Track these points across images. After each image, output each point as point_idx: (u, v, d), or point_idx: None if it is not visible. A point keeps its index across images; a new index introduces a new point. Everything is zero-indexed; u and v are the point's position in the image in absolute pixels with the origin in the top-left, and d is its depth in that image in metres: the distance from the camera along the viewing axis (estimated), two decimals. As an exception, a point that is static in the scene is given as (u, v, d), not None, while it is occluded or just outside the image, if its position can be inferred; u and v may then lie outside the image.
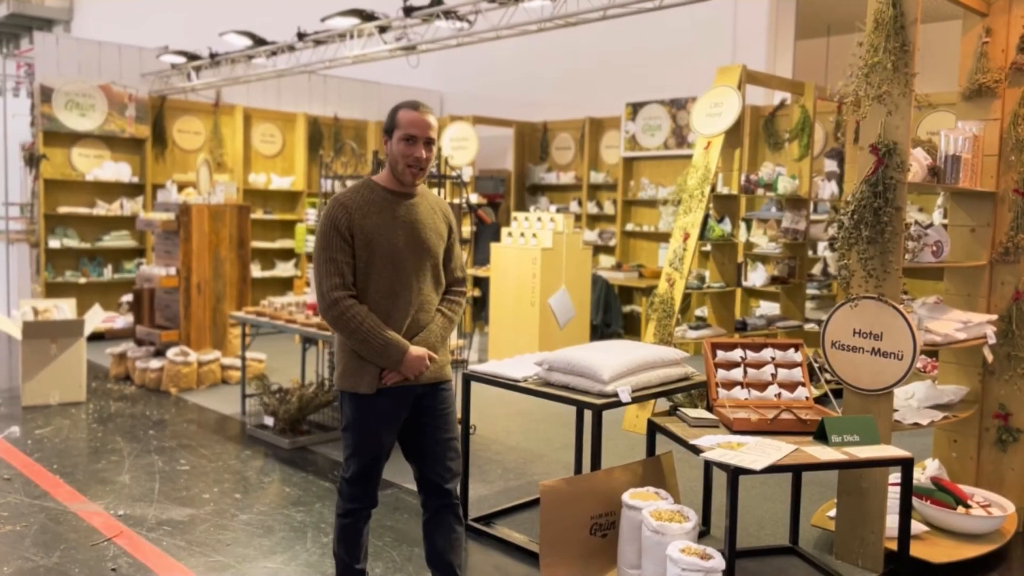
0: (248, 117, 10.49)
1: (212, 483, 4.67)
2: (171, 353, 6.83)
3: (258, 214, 10.36)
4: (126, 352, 7.24)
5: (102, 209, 9.31)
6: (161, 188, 8.09)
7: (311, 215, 9.19)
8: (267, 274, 10.51)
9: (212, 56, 8.84)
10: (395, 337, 2.83)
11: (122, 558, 3.66)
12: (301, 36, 7.81)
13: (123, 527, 3.99)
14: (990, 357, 4.07)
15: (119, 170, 9.41)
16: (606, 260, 10.17)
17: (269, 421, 5.53)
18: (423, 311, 2.93)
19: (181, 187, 8.12)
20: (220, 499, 4.41)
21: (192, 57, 9.06)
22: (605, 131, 10.62)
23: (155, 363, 6.87)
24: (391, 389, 2.88)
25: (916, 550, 3.53)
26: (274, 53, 8.30)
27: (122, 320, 8.75)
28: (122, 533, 3.92)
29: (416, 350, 2.86)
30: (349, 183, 6.37)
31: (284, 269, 10.66)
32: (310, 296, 6.27)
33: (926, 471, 4.15)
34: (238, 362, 6.96)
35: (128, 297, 8.54)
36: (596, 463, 3.54)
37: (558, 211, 9.30)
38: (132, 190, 9.64)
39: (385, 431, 2.92)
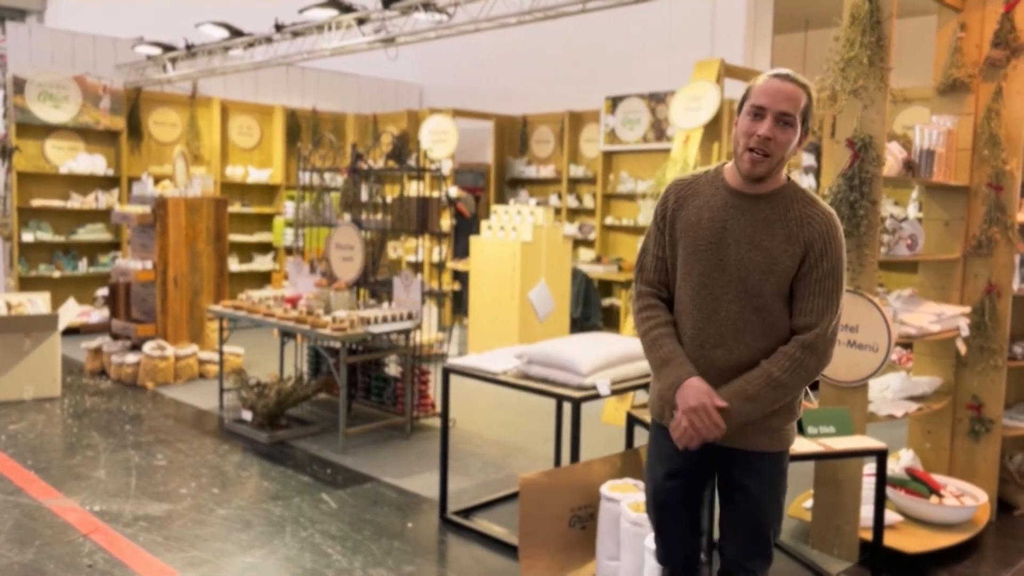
0: (225, 109, 10.39)
1: (189, 478, 4.64)
2: (148, 347, 6.77)
3: (236, 207, 10.27)
4: (102, 346, 7.16)
5: (76, 202, 9.19)
6: (137, 181, 8.00)
7: (289, 208, 9.13)
8: (245, 268, 10.43)
9: (188, 47, 8.74)
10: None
11: (98, 554, 3.62)
12: (279, 28, 7.75)
13: (99, 523, 3.96)
14: (963, 349, 4.13)
15: (94, 162, 9.29)
16: (586, 254, 10.18)
17: (247, 415, 5.50)
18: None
19: (157, 180, 8.04)
20: (198, 494, 4.39)
21: (168, 48, 8.96)
22: (585, 124, 10.63)
23: (131, 357, 6.80)
24: None
25: (890, 540, 3.58)
26: (251, 45, 8.22)
27: (97, 314, 8.67)
28: (98, 529, 3.89)
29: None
30: (327, 176, 6.34)
31: (262, 263, 10.59)
32: (288, 290, 6.24)
33: (901, 462, 4.20)
34: (216, 356, 6.90)
35: (103, 291, 8.45)
36: (575, 456, 3.56)
37: (538, 204, 9.29)
38: (107, 183, 9.52)
39: None
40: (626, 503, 3.22)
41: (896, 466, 4.13)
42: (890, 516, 3.75)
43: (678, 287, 2.34)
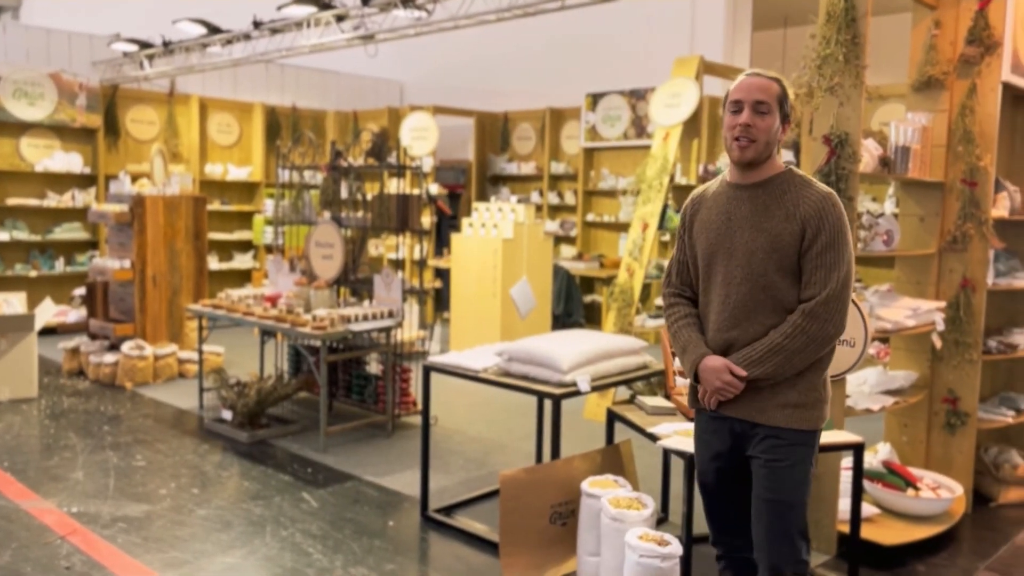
0: (204, 107, 10.31)
1: (169, 478, 4.60)
2: (126, 347, 6.71)
3: (215, 205, 10.20)
4: (79, 346, 7.09)
5: (53, 201, 9.09)
6: (114, 179, 7.93)
7: (269, 206, 9.07)
8: (225, 266, 10.36)
9: (165, 44, 8.67)
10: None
11: (76, 556, 3.59)
12: (257, 24, 7.69)
13: (77, 525, 3.92)
14: (938, 343, 4.17)
15: (70, 161, 9.19)
16: (567, 250, 10.20)
17: (227, 415, 5.47)
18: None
19: (135, 178, 7.97)
20: (177, 494, 4.36)
21: (145, 45, 8.87)
22: (566, 121, 10.64)
23: (109, 357, 6.74)
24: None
25: (868, 532, 3.62)
26: (229, 42, 8.16)
27: (75, 314, 8.58)
28: (76, 531, 3.85)
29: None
30: (307, 174, 6.31)
31: (242, 261, 10.52)
32: (268, 288, 6.20)
33: (878, 455, 4.24)
34: (195, 355, 6.86)
35: (81, 290, 8.37)
36: (556, 452, 3.57)
37: (519, 201, 9.29)
38: (84, 181, 9.42)
39: None
40: (606, 499, 3.23)
41: (874, 459, 4.17)
42: (867, 509, 3.79)
43: (701, 280, 2.53)
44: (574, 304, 9.13)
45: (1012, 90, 4.34)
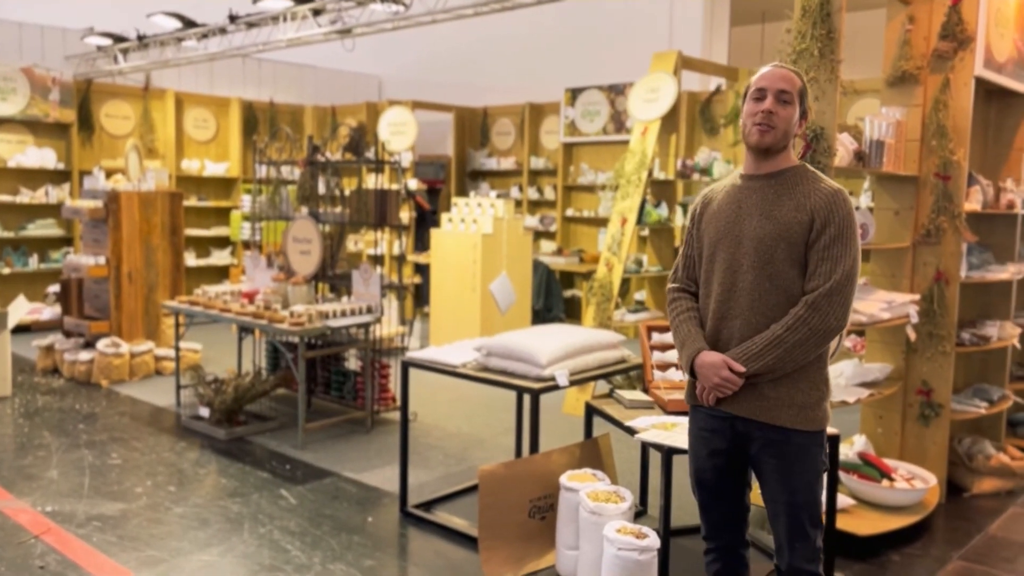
0: (180, 101, 10.21)
1: (145, 476, 4.56)
2: (101, 344, 6.64)
3: (192, 201, 10.11)
4: (54, 344, 7.01)
5: (26, 197, 8.96)
6: (88, 175, 7.83)
7: (246, 202, 9.00)
8: (202, 262, 10.28)
9: (140, 38, 8.57)
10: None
11: (50, 555, 3.55)
12: (233, 18, 7.63)
13: (51, 524, 3.88)
14: (913, 335, 4.22)
15: (43, 156, 9.07)
16: (547, 245, 10.21)
17: (204, 412, 5.43)
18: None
19: (109, 174, 7.88)
20: (153, 492, 4.32)
21: (119, 39, 8.77)
22: (545, 116, 10.63)
23: (84, 355, 6.67)
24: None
25: (843, 523, 3.65)
26: (205, 36, 8.09)
27: (49, 311, 8.48)
28: (50, 530, 3.81)
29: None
30: (284, 169, 6.27)
31: (220, 257, 10.44)
32: (246, 285, 6.16)
33: (854, 447, 4.28)
34: (172, 352, 6.80)
35: (55, 287, 8.26)
36: (535, 447, 3.57)
37: (499, 197, 9.29)
38: (57, 177, 9.30)
39: None
40: (585, 492, 3.24)
41: (850, 451, 4.21)
42: (843, 500, 3.83)
43: (704, 270, 2.51)
44: (554, 299, 9.14)
45: (985, 85, 4.39)
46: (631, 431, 3.20)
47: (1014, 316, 4.84)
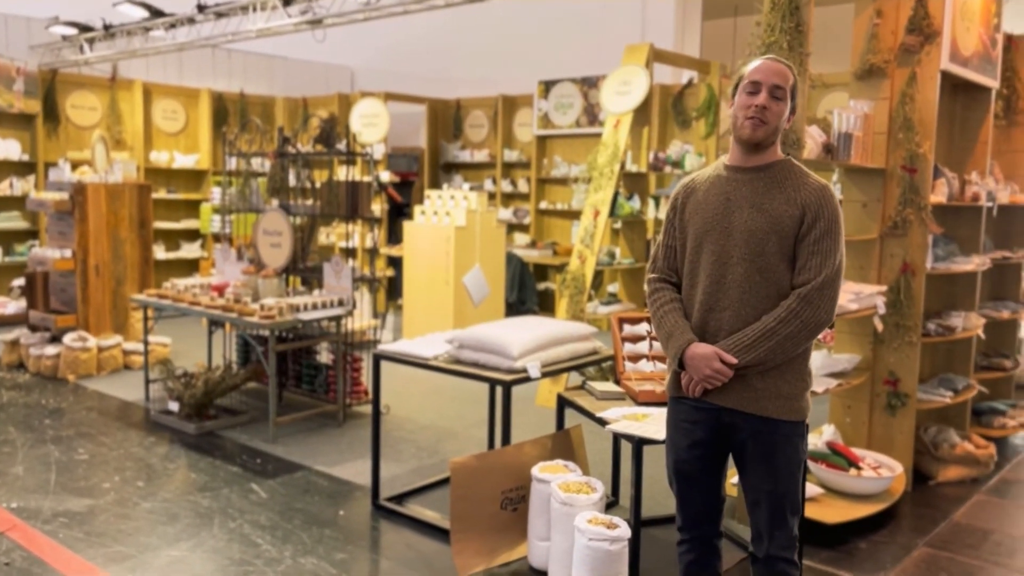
0: (148, 92, 10.07)
1: (113, 472, 4.51)
2: (68, 339, 6.54)
3: (161, 193, 9.98)
4: (19, 338, 6.89)
5: (-10, 189, 8.81)
6: (54, 166, 7.69)
7: (216, 194, 8.90)
8: (172, 255, 10.16)
9: (106, 28, 8.43)
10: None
11: (16, 552, 3.50)
12: (201, 8, 7.53)
13: (16, 520, 3.82)
14: (880, 326, 4.27)
15: (8, 147, 8.90)
16: (520, 238, 10.21)
17: (174, 406, 5.37)
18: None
19: (75, 165, 7.76)
20: (121, 488, 4.27)
21: (85, 28, 8.62)
22: (518, 109, 10.62)
23: (51, 349, 6.57)
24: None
25: (811, 512, 3.70)
26: (173, 26, 7.97)
27: (14, 305, 8.34)
28: (15, 526, 3.75)
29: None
30: (254, 161, 6.20)
31: (190, 250, 10.32)
32: (216, 278, 6.09)
33: (823, 436, 4.34)
34: (141, 347, 6.71)
35: (20, 281, 8.12)
36: (507, 439, 3.57)
37: (472, 189, 9.27)
38: (22, 168, 9.14)
39: None
40: (556, 484, 3.25)
41: (819, 441, 4.26)
42: (812, 489, 3.87)
43: (688, 261, 2.49)
44: (527, 292, 9.15)
45: (950, 78, 4.44)
46: (602, 422, 3.21)
47: (979, 307, 4.92)
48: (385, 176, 9.36)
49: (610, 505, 4.00)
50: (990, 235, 5.27)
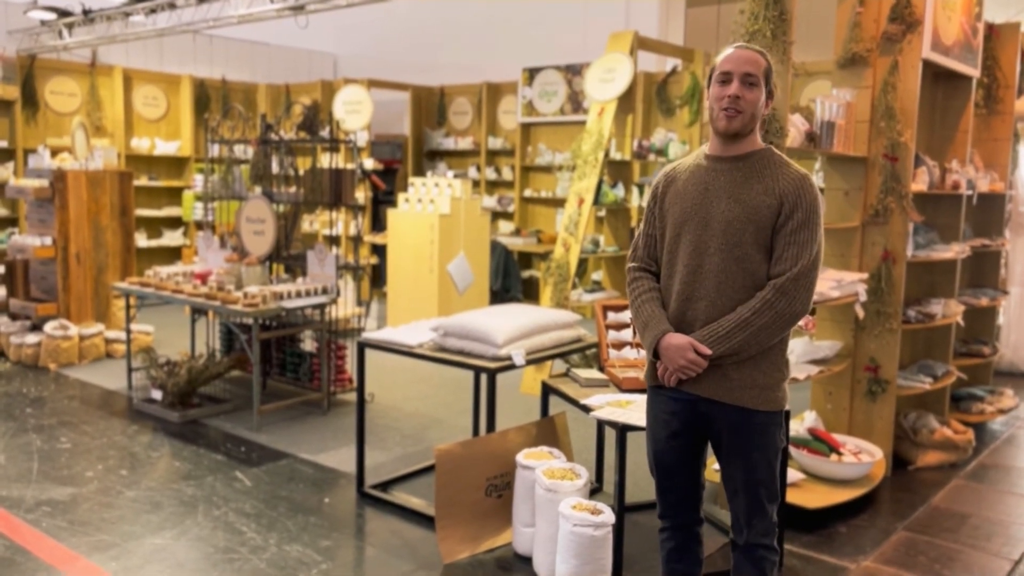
0: (128, 78, 9.95)
1: (96, 460, 4.49)
2: (49, 327, 6.49)
3: (142, 181, 9.88)
4: (-1, 327, 6.84)
5: (-32, 176, 8.69)
6: (33, 153, 7.60)
7: (199, 181, 8.83)
8: (154, 243, 10.07)
9: (85, 12, 8.32)
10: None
11: (-3, 542, 3.49)
12: (182, -7, 7.44)
13: (-2, 510, 3.80)
14: (861, 313, 4.31)
15: (-15, 134, 8.79)
16: (505, 226, 10.20)
17: (157, 395, 5.34)
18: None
19: (55, 152, 7.67)
20: (104, 476, 4.25)
21: (64, 13, 8.49)
22: (502, 96, 10.59)
23: (32, 338, 6.51)
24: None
25: (793, 497, 3.74)
26: (153, 11, 7.87)
27: (-6, 294, 8.24)
28: (-3, 516, 3.74)
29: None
30: (237, 148, 6.16)
31: (172, 238, 10.24)
32: (198, 265, 6.06)
33: (804, 422, 4.38)
34: (123, 335, 6.67)
35: None
36: (492, 426, 3.59)
37: (456, 177, 9.25)
38: (1, 155, 9.02)
39: None
40: (541, 470, 3.27)
41: (800, 427, 4.30)
42: (793, 475, 3.91)
43: (667, 250, 2.48)
44: (512, 279, 9.15)
45: (932, 67, 4.47)
46: (587, 409, 3.23)
47: (958, 294, 4.98)
48: (369, 163, 9.32)
49: (594, 491, 4.03)
50: (970, 223, 5.32)
